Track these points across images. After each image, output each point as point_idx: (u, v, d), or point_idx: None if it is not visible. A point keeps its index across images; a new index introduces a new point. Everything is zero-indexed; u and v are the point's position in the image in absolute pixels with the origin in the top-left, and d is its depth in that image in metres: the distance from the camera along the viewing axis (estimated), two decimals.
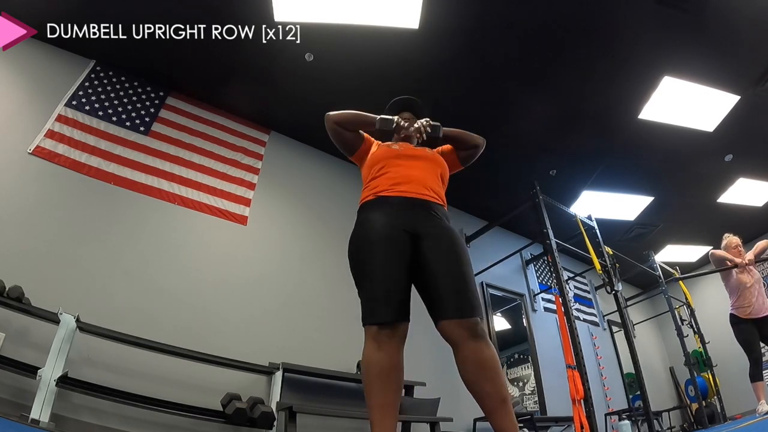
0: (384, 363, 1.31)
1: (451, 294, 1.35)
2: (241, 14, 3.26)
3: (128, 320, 2.74)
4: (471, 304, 1.34)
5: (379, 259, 1.40)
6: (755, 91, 4.03)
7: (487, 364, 1.30)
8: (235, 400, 2.68)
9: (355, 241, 1.52)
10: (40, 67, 3.37)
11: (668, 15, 3.34)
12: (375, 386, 1.29)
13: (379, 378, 1.30)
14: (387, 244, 1.42)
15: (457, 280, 1.38)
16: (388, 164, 1.63)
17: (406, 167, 1.62)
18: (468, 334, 1.31)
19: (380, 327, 1.32)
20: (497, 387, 1.28)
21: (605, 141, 4.62)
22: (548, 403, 4.84)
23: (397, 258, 1.40)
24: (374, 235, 1.45)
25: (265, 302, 3.49)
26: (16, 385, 2.26)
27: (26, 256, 2.68)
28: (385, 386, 1.29)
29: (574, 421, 3.34)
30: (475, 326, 1.32)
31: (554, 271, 3.95)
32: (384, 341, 1.32)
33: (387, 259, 1.39)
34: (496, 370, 1.31)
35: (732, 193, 5.50)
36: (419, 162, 1.65)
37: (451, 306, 1.34)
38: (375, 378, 1.30)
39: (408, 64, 3.71)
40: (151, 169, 3.50)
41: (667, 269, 5.82)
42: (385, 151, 1.69)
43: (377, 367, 1.30)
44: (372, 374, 1.31)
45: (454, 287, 1.37)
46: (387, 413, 1.27)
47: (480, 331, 1.32)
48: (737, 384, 5.40)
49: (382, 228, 1.45)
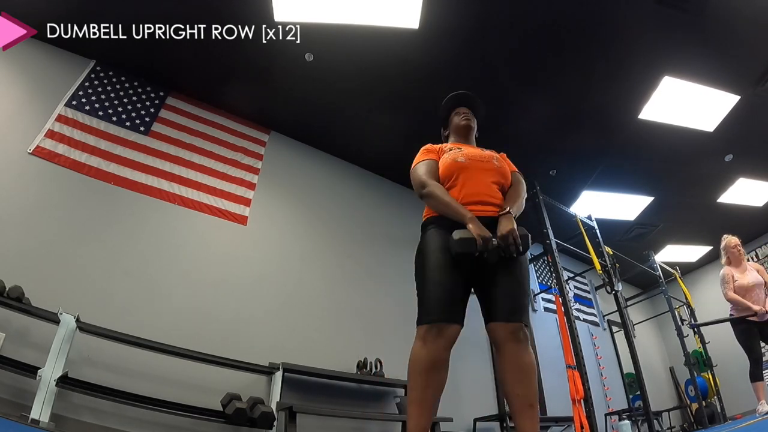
0: (427, 360, 1.37)
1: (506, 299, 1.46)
2: (241, 14, 3.26)
3: (128, 320, 2.74)
4: (519, 309, 1.46)
5: (435, 266, 1.48)
6: (755, 91, 4.03)
7: (524, 368, 1.39)
8: (235, 400, 2.68)
9: (421, 248, 1.59)
10: (40, 67, 3.37)
11: (668, 15, 3.34)
12: (417, 382, 1.37)
13: (421, 375, 1.36)
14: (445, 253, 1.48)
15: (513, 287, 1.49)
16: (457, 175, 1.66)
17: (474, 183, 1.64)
18: (511, 337, 1.41)
19: (429, 327, 1.40)
20: (528, 391, 1.37)
21: (605, 141, 4.62)
22: (548, 403, 4.83)
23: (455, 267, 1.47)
24: (434, 245, 1.53)
25: (265, 302, 3.49)
26: (16, 385, 2.26)
27: (26, 256, 2.67)
28: (425, 383, 1.36)
29: (574, 421, 3.34)
30: (518, 330, 1.42)
31: (554, 271, 3.95)
32: (430, 340, 1.39)
33: (442, 266, 1.47)
34: (531, 375, 1.40)
35: (732, 193, 5.50)
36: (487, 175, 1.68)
37: (503, 309, 1.45)
38: (417, 375, 1.37)
39: (408, 64, 3.71)
40: (151, 169, 3.50)
41: (667, 269, 5.82)
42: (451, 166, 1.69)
43: (420, 364, 1.37)
44: (415, 371, 1.38)
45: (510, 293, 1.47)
46: (424, 409, 1.34)
47: (522, 335, 1.42)
48: (737, 384, 5.40)
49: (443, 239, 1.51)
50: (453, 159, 1.70)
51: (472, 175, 1.66)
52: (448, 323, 1.41)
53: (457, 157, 1.70)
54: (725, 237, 4.07)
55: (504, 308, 1.44)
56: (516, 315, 1.43)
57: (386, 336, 3.96)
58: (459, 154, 1.71)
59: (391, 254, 4.52)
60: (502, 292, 1.47)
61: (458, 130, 1.94)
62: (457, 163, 1.68)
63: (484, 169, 1.69)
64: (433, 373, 1.37)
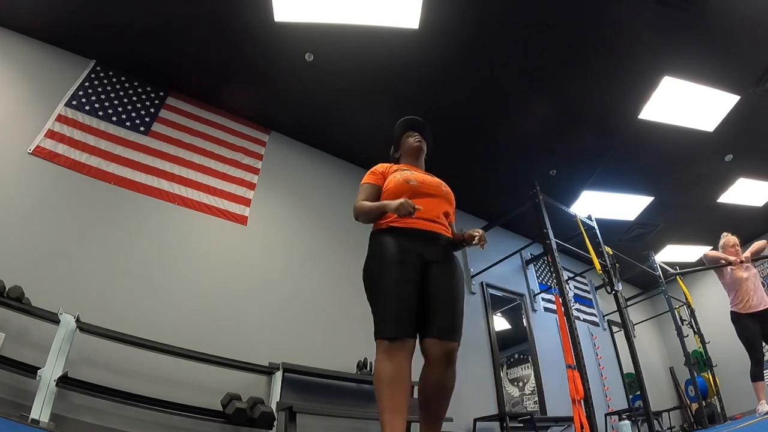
0: (393, 373, 1.44)
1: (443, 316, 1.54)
2: (241, 14, 3.26)
3: (128, 320, 2.74)
4: (456, 328, 1.55)
5: (391, 279, 1.54)
6: (755, 91, 4.03)
7: (445, 389, 1.54)
8: (235, 400, 2.67)
9: (373, 261, 1.64)
10: (40, 67, 3.36)
11: (668, 15, 3.34)
12: (385, 393, 1.44)
13: (389, 386, 1.44)
14: (403, 266, 1.56)
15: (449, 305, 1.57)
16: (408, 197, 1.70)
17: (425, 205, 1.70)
18: (444, 359, 1.51)
19: (390, 341, 1.46)
20: (442, 408, 1.55)
21: (605, 141, 4.62)
22: (548, 403, 4.84)
23: (412, 279, 1.55)
24: (388, 258, 1.58)
25: (266, 302, 3.49)
26: (16, 385, 2.26)
27: (26, 256, 2.67)
28: (393, 393, 1.43)
29: (574, 421, 3.34)
30: (452, 351, 1.52)
31: (554, 271, 3.94)
32: (395, 353, 1.46)
33: (399, 280, 1.53)
34: (449, 395, 1.56)
35: (732, 193, 5.50)
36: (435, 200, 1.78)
37: (440, 327, 1.52)
38: (385, 386, 1.44)
39: (408, 64, 3.71)
40: (151, 169, 3.50)
41: (667, 269, 5.82)
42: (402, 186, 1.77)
43: (387, 377, 1.44)
44: (383, 383, 1.45)
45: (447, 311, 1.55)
46: (396, 415, 1.41)
47: (454, 357, 1.53)
48: (737, 384, 5.41)
49: (396, 252, 1.59)
50: (405, 179, 1.78)
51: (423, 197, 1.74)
52: (410, 337, 1.48)
53: (409, 179, 1.78)
54: (724, 235, 4.10)
55: (442, 326, 1.52)
56: (453, 335, 1.52)
57: None
58: (411, 176, 1.80)
59: None
60: (442, 309, 1.54)
61: (411, 151, 2.03)
62: (408, 185, 1.76)
63: (434, 194, 1.79)
64: (400, 383, 1.44)
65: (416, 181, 1.78)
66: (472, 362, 4.47)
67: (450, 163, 4.91)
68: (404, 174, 1.81)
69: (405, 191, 1.73)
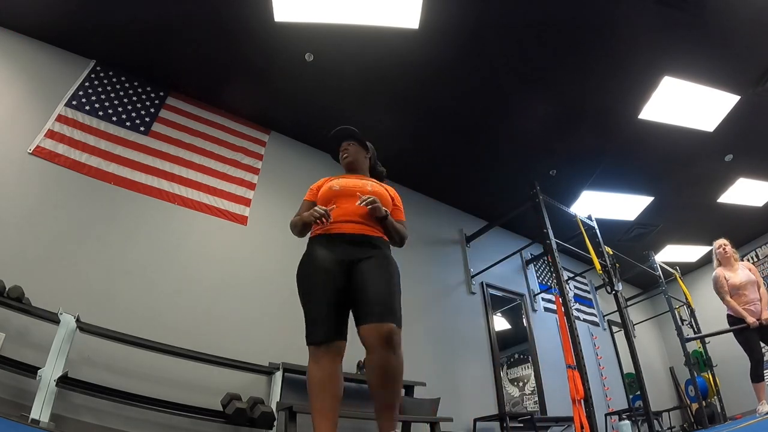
0: (320, 375, 1.50)
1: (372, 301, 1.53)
2: (241, 14, 3.26)
3: (128, 320, 2.74)
4: (389, 311, 1.51)
5: (316, 286, 1.60)
6: (755, 91, 4.03)
7: (389, 373, 1.48)
8: (235, 400, 2.67)
9: (300, 270, 1.69)
10: (40, 67, 3.36)
11: (668, 15, 3.34)
12: (314, 394, 1.50)
13: (317, 387, 1.50)
14: (324, 274, 1.60)
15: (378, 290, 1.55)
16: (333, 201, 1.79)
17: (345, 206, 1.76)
18: (381, 343, 1.46)
19: (316, 346, 1.53)
20: (391, 395, 1.49)
21: (605, 141, 4.62)
22: (548, 403, 4.84)
23: (332, 285, 1.59)
24: (314, 265, 1.64)
25: (265, 302, 3.49)
26: (16, 385, 2.26)
27: (26, 256, 2.67)
28: (322, 395, 1.49)
29: (574, 421, 3.34)
30: (389, 333, 1.47)
31: (554, 271, 3.95)
32: (320, 357, 1.52)
33: (323, 286, 1.58)
34: (396, 379, 1.50)
35: (732, 193, 5.50)
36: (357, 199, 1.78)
37: (371, 312, 1.51)
38: (313, 388, 1.51)
39: (408, 64, 3.71)
40: (151, 169, 3.50)
41: (667, 269, 5.82)
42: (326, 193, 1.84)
43: (315, 379, 1.51)
44: (311, 384, 1.52)
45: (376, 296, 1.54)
46: (325, 416, 1.47)
47: (394, 340, 1.48)
48: (737, 384, 5.41)
49: (322, 259, 1.64)
50: (329, 188, 1.86)
51: (344, 199, 1.78)
52: (333, 341, 1.53)
53: (334, 185, 1.86)
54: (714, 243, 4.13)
55: (373, 311, 1.51)
56: (386, 317, 1.49)
57: None
58: (335, 183, 1.87)
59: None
60: (371, 294, 1.54)
61: (344, 167, 2.09)
62: (331, 191, 1.83)
63: (355, 195, 1.79)
64: (329, 386, 1.49)
65: (338, 186, 1.85)
66: (472, 362, 4.47)
67: (450, 163, 4.92)
68: (331, 182, 1.89)
69: (330, 197, 1.81)
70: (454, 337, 4.46)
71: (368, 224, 1.75)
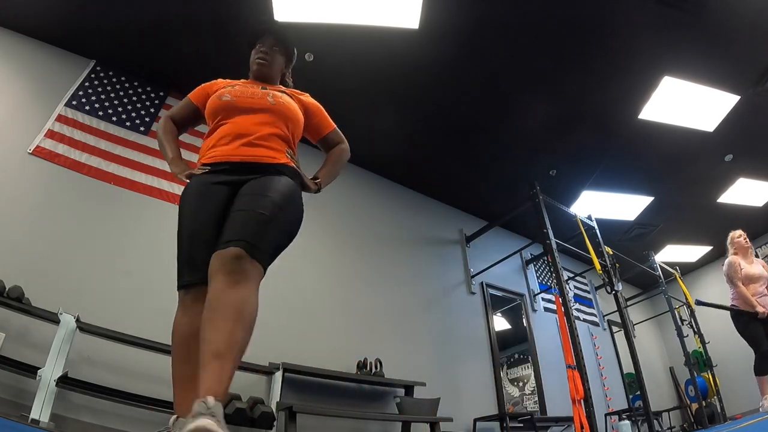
0: (185, 329, 1.14)
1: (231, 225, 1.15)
2: (241, 14, 3.26)
3: (128, 320, 2.74)
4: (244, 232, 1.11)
5: (187, 219, 1.26)
6: (755, 91, 4.03)
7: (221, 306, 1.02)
8: (235, 400, 2.67)
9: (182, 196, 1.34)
10: (40, 67, 3.36)
11: (668, 15, 3.34)
12: (176, 356, 1.16)
13: (181, 346, 1.15)
14: (197, 204, 1.26)
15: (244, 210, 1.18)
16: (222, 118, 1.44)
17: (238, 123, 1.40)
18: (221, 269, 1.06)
19: (186, 290, 1.19)
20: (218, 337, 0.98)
21: (605, 141, 4.62)
22: (548, 403, 4.84)
23: (206, 217, 1.23)
24: (188, 195, 1.30)
25: (265, 302, 3.47)
26: (16, 385, 2.26)
27: (26, 256, 2.67)
28: (186, 356, 1.11)
29: (574, 421, 3.34)
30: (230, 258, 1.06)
31: (554, 271, 3.95)
32: (188, 305, 1.17)
33: (194, 219, 1.24)
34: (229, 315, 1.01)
35: (732, 193, 5.50)
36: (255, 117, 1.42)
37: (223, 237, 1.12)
38: (176, 346, 1.16)
39: (408, 64, 3.71)
40: (151, 169, 3.50)
41: (667, 269, 5.82)
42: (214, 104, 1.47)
43: (178, 334, 1.17)
44: (174, 342, 1.17)
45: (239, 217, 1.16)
46: (188, 389, 1.04)
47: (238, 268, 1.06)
48: (737, 384, 5.41)
49: (196, 191, 1.29)
50: (218, 97, 1.47)
51: (236, 114, 1.42)
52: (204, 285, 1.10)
53: (224, 94, 1.46)
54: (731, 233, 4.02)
55: (226, 234, 1.12)
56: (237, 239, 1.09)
57: (386, 336, 3.96)
58: (226, 92, 1.47)
59: (391, 254, 4.53)
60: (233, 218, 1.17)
61: (252, 72, 1.68)
62: (221, 102, 1.44)
63: (256, 109, 1.43)
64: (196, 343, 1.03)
65: (231, 96, 1.45)
66: (472, 362, 4.47)
67: (450, 163, 4.92)
68: (225, 89, 1.49)
69: (217, 110, 1.44)
70: (454, 337, 4.46)
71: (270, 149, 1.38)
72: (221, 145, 1.37)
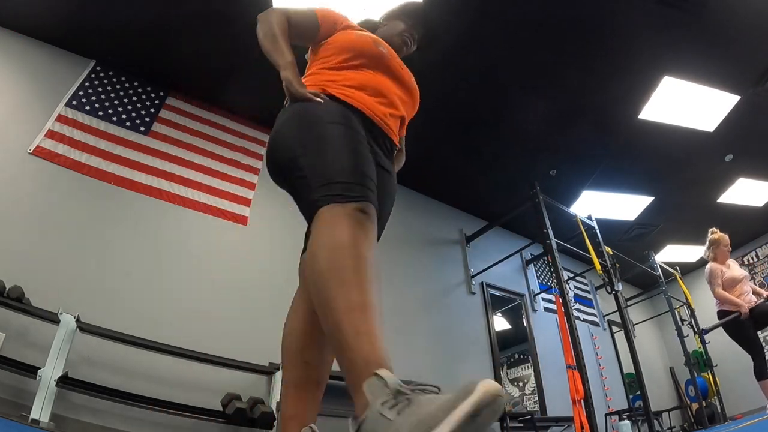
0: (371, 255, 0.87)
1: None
2: (241, 14, 3.26)
3: (128, 320, 2.74)
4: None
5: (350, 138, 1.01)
6: (755, 91, 4.03)
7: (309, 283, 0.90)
8: (235, 400, 2.67)
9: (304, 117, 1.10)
10: (40, 67, 3.37)
11: (668, 15, 3.34)
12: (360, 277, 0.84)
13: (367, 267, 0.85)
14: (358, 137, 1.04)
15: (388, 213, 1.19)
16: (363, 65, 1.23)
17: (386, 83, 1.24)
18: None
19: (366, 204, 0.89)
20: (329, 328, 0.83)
21: (605, 141, 4.62)
22: (548, 403, 4.84)
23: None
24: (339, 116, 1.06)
25: (266, 302, 3.49)
26: (16, 385, 2.26)
27: (26, 256, 2.68)
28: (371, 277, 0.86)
29: (574, 421, 3.34)
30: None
31: (554, 271, 3.95)
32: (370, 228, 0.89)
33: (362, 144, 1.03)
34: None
35: (732, 193, 5.50)
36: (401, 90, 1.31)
37: None
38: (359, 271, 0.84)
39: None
40: (151, 169, 3.50)
41: (667, 269, 5.82)
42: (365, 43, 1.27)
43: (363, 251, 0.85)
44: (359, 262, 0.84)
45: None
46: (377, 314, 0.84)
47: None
48: (737, 384, 5.41)
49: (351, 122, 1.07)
50: (373, 40, 1.29)
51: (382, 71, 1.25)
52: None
53: (380, 43, 1.30)
54: (716, 231, 4.00)
55: None
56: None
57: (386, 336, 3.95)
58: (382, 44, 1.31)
59: (390, 254, 4.52)
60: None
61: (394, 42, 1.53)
62: (376, 50, 1.25)
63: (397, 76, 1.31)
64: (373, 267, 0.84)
65: (387, 50, 1.28)
66: (472, 362, 4.47)
67: (450, 163, 4.92)
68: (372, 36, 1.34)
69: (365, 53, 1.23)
70: (454, 337, 4.46)
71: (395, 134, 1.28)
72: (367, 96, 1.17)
